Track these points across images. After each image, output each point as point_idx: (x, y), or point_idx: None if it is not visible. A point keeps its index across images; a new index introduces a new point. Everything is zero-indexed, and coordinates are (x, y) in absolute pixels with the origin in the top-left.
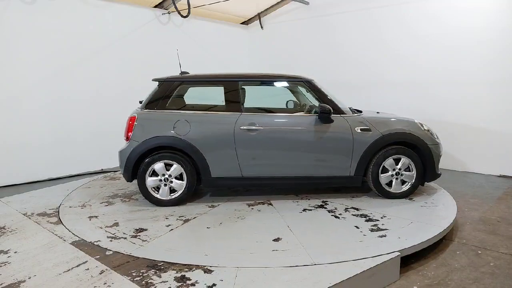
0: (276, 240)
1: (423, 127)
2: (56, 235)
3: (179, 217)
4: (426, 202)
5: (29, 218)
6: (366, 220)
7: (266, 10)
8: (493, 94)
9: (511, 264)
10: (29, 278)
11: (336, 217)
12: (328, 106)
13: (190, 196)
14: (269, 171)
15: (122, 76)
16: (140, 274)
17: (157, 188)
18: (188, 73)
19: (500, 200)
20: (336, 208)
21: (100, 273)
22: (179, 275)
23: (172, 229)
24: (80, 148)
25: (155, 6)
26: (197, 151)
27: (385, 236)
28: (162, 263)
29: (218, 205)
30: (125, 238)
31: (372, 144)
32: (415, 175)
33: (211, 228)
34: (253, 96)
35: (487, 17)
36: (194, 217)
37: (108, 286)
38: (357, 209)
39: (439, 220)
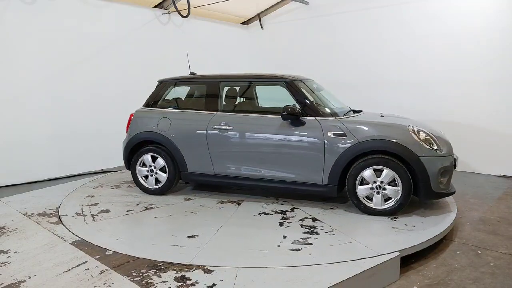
0: (191, 237)
1: (417, 135)
2: (56, 235)
3: (148, 205)
4: (406, 225)
5: (29, 218)
6: (306, 232)
7: (266, 10)
8: (493, 94)
9: (511, 264)
10: (29, 278)
11: (281, 224)
12: (295, 107)
13: (174, 186)
14: (239, 170)
15: (122, 76)
16: (140, 274)
17: (146, 177)
18: (195, 73)
19: (500, 200)
20: (294, 216)
21: (100, 273)
22: (179, 275)
23: (126, 214)
24: (80, 148)
25: (155, 6)
26: (175, 146)
27: (298, 250)
28: (162, 263)
29: (194, 198)
30: (85, 216)
31: (347, 151)
32: (400, 191)
33: (157, 218)
34: (247, 96)
35: (487, 17)
36: (158, 207)
37: (108, 286)
38: (314, 220)
39: (391, 245)
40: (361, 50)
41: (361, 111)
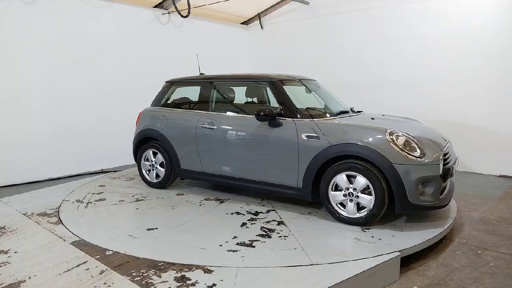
0: (150, 229)
1: (395, 140)
2: (56, 235)
3: (142, 197)
4: (372, 237)
5: (29, 218)
6: (260, 235)
7: (266, 10)
8: (493, 94)
9: (511, 264)
10: (29, 278)
11: (243, 224)
12: (272, 109)
13: (173, 181)
14: (223, 170)
15: (122, 76)
16: (140, 274)
17: (150, 171)
18: (204, 74)
19: (500, 200)
20: (264, 218)
21: (100, 273)
22: (179, 275)
23: (116, 204)
24: (80, 148)
25: (155, 6)
26: (170, 144)
27: (234, 251)
28: (162, 263)
29: (186, 194)
30: (83, 202)
31: (319, 154)
32: (373, 200)
33: (139, 209)
34: (236, 96)
35: (487, 16)
36: (149, 199)
37: (108, 286)
38: (279, 224)
39: (336, 256)
40: (361, 50)
41: (361, 111)
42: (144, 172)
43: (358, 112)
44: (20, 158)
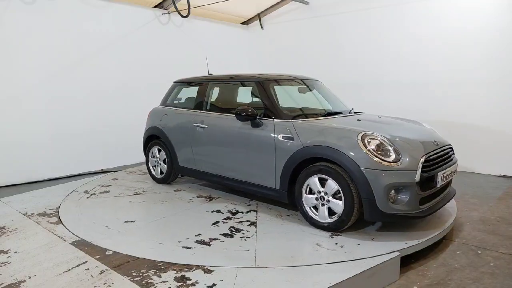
0: (127, 222)
1: (366, 143)
2: (56, 235)
3: (142, 191)
4: (336, 244)
5: (29, 218)
6: (224, 234)
7: (266, 10)
8: (493, 94)
9: (511, 264)
10: (29, 278)
11: (215, 223)
12: (250, 108)
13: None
14: (212, 168)
15: (122, 76)
16: (140, 274)
17: (155, 167)
18: (212, 74)
19: (500, 200)
20: (240, 218)
21: (100, 273)
22: (179, 275)
23: (114, 197)
24: (80, 148)
25: (155, 6)
26: (169, 141)
27: (188, 248)
28: (162, 263)
29: (184, 191)
30: (88, 193)
31: (292, 156)
32: (342, 206)
33: (131, 202)
34: (227, 96)
35: (487, 16)
36: (146, 194)
37: (108, 286)
38: (251, 224)
39: (283, 261)
40: (361, 50)
41: (360, 112)
42: (150, 167)
43: (356, 113)
44: (20, 158)
